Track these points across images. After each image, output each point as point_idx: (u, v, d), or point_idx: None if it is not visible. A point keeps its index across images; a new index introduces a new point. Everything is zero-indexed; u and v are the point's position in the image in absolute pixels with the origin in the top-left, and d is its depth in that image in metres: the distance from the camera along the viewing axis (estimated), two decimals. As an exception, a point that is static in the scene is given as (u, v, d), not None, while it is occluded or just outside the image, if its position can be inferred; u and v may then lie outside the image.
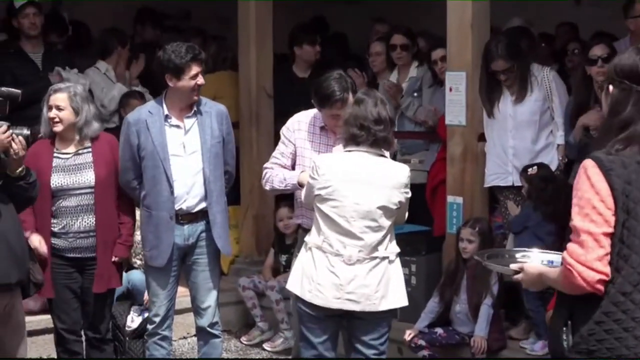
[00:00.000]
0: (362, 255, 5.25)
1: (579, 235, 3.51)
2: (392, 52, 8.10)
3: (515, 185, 6.91)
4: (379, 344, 5.40)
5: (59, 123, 6.04)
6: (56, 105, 6.03)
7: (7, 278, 5.25)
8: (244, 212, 8.68)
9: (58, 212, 6.08)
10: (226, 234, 6.23)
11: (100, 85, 8.47)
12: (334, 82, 5.76)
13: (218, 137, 6.12)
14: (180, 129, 6.08)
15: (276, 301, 7.77)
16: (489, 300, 6.66)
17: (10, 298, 5.33)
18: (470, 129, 7.05)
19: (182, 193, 6.06)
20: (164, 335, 6.25)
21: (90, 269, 6.15)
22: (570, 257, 3.51)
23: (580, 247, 3.50)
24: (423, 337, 6.79)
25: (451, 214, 7.10)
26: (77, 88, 6.13)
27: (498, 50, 6.76)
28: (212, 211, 6.11)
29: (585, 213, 3.51)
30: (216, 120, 6.12)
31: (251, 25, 8.44)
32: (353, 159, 5.32)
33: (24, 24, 8.08)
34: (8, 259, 5.24)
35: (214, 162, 6.09)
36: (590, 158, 3.56)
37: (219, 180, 6.14)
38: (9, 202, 5.33)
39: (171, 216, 6.06)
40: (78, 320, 6.25)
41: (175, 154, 6.05)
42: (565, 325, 3.62)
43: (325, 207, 5.30)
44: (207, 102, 6.22)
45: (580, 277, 3.48)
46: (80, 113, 6.03)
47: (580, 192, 3.54)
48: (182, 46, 5.99)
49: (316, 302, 5.27)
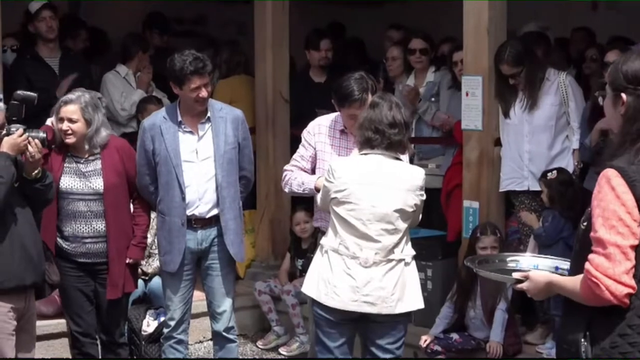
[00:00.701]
0: (378, 258, 5.25)
1: (605, 247, 3.43)
2: (411, 57, 8.10)
3: (530, 190, 6.90)
4: (395, 348, 5.40)
5: (72, 135, 6.00)
6: (68, 117, 5.98)
7: (21, 280, 5.30)
8: (260, 216, 8.69)
9: (68, 216, 6.07)
10: (239, 240, 6.23)
11: (120, 89, 8.50)
12: (354, 82, 5.77)
13: (232, 144, 6.12)
14: (193, 135, 6.09)
15: (292, 305, 7.78)
16: (503, 305, 6.64)
17: (25, 300, 5.38)
18: (486, 134, 7.04)
19: (194, 199, 6.07)
20: (179, 339, 6.27)
21: (102, 273, 6.15)
22: (596, 270, 3.42)
23: (607, 260, 3.42)
24: (439, 343, 6.78)
25: (467, 219, 7.09)
26: (86, 97, 6.05)
27: (505, 54, 6.78)
28: (225, 218, 6.11)
29: (611, 225, 3.43)
30: (231, 126, 6.12)
31: (267, 30, 8.45)
32: (368, 162, 5.32)
33: (41, 27, 8.10)
34: (23, 262, 5.29)
35: (227, 168, 6.09)
36: (613, 168, 3.48)
37: (232, 186, 6.14)
38: (26, 205, 5.37)
39: (182, 222, 6.07)
40: (92, 323, 6.25)
41: (188, 160, 6.06)
42: (584, 337, 3.54)
43: (342, 210, 5.31)
44: (224, 108, 6.22)
45: (608, 291, 3.41)
46: (92, 123, 6.01)
47: (604, 203, 3.46)
48: (189, 57, 5.96)
49: (332, 304, 5.27)
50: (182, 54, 6.01)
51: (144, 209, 6.30)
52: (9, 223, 5.26)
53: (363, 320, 5.35)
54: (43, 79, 7.95)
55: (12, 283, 5.25)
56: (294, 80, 8.68)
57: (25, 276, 5.31)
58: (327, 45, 8.76)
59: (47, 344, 7.21)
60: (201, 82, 5.96)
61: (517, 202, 7.04)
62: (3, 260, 5.20)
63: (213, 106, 6.15)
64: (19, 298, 5.34)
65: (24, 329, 5.45)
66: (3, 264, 5.20)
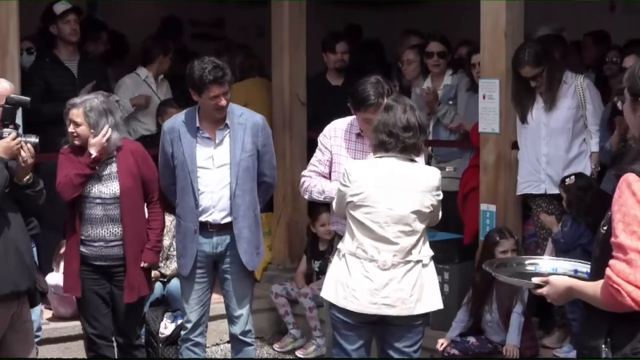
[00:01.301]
0: (396, 260, 5.25)
1: (626, 253, 3.40)
2: (428, 60, 8.09)
3: (547, 193, 6.88)
4: (412, 352, 5.39)
5: (78, 138, 6.06)
6: (73, 120, 6.05)
7: (17, 286, 5.26)
8: (277, 219, 8.69)
9: (84, 220, 6.09)
10: (252, 248, 6.16)
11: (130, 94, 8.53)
12: (370, 86, 5.77)
13: (250, 151, 6.09)
14: (210, 141, 6.08)
15: (309, 308, 7.78)
16: (519, 308, 6.63)
17: (17, 306, 5.35)
18: (503, 137, 7.03)
19: (208, 206, 6.07)
20: (196, 341, 6.27)
21: (118, 276, 6.17)
22: (617, 276, 3.40)
23: (628, 266, 3.39)
24: (456, 346, 6.77)
25: (484, 222, 7.08)
26: (94, 102, 6.06)
27: (525, 56, 6.76)
28: (238, 226, 6.09)
29: (632, 230, 3.40)
30: (250, 133, 6.09)
31: (284, 33, 8.46)
32: (384, 165, 5.32)
33: (64, 29, 8.10)
34: (18, 268, 5.25)
35: (242, 176, 6.06)
36: (634, 172, 3.46)
37: (247, 194, 6.11)
38: (18, 211, 5.34)
39: (195, 228, 6.08)
40: (108, 325, 6.26)
41: (204, 167, 6.06)
42: (605, 343, 3.51)
43: (358, 213, 5.30)
44: (244, 113, 6.18)
45: (629, 297, 3.38)
46: (97, 127, 6.02)
47: (625, 208, 3.43)
48: (208, 65, 5.92)
49: (351, 307, 5.27)
50: (202, 61, 5.97)
51: (158, 212, 6.31)
52: (2, 228, 5.21)
53: (381, 323, 5.35)
54: (62, 81, 7.97)
55: (7, 289, 5.20)
56: (310, 83, 8.68)
57: (20, 282, 5.27)
58: (344, 48, 8.77)
59: (64, 346, 7.24)
60: (220, 91, 5.94)
61: (534, 206, 7.03)
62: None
63: (233, 112, 6.11)
64: (12, 304, 5.30)
65: (18, 338, 5.41)
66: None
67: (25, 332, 5.47)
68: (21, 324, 5.41)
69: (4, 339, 5.32)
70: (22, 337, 5.44)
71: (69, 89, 7.68)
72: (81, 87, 7.73)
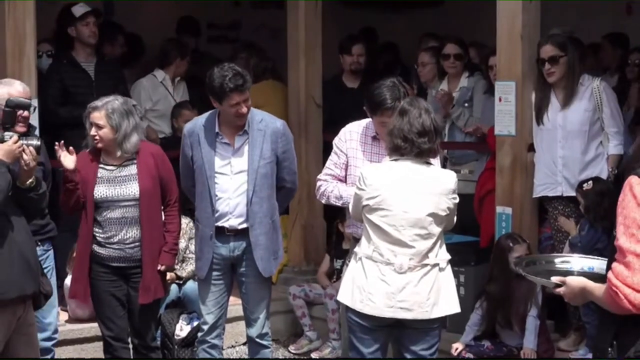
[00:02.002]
0: (413, 263, 5.24)
1: (624, 256, 3.41)
2: (445, 62, 8.08)
3: (564, 195, 6.86)
4: (429, 355, 5.38)
5: (100, 141, 6.08)
6: (95, 123, 6.07)
7: (23, 290, 5.26)
8: (292, 221, 8.70)
9: (103, 222, 6.11)
10: (269, 255, 6.14)
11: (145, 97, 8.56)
12: (386, 90, 5.76)
13: (269, 158, 6.07)
14: (229, 147, 6.07)
15: (332, 310, 7.76)
16: (534, 312, 6.61)
17: (23, 310, 5.36)
18: (519, 139, 7.02)
19: (225, 212, 6.07)
20: (213, 343, 6.27)
21: (135, 277, 6.18)
22: (616, 278, 3.42)
23: (626, 269, 3.40)
24: (470, 350, 6.75)
25: (500, 225, 7.07)
26: (115, 104, 6.10)
27: (549, 37, 6.81)
28: (254, 233, 6.07)
29: (631, 233, 3.41)
30: (270, 140, 6.06)
31: (300, 35, 8.47)
32: (399, 168, 5.31)
33: (83, 32, 8.10)
34: (24, 272, 5.25)
35: (260, 183, 6.04)
36: (637, 175, 3.47)
37: (265, 202, 6.08)
38: (21, 214, 5.33)
39: (212, 234, 6.08)
40: (125, 327, 6.28)
41: (222, 172, 6.05)
42: (611, 345, 3.53)
43: (375, 217, 5.30)
44: (264, 119, 6.14)
45: (626, 300, 3.40)
46: (119, 129, 6.05)
47: (626, 211, 3.45)
48: (229, 72, 5.89)
49: (367, 311, 5.26)
50: (222, 68, 5.94)
51: (175, 215, 6.32)
52: (7, 231, 5.20)
53: (397, 326, 5.34)
54: (79, 84, 7.98)
55: (14, 293, 5.20)
56: (326, 85, 8.68)
57: (26, 286, 5.27)
58: (359, 50, 8.76)
59: (80, 348, 7.27)
60: (241, 99, 5.91)
61: (550, 208, 7.01)
62: (3, 269, 5.15)
63: (253, 118, 6.08)
64: (18, 307, 5.30)
65: (23, 342, 5.41)
66: (3, 274, 5.15)
67: (29, 336, 5.49)
68: (26, 327, 5.42)
69: (9, 342, 5.34)
70: (26, 340, 5.45)
71: (86, 92, 7.70)
72: (98, 90, 7.74)
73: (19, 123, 6.07)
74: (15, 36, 6.96)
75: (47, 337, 6.43)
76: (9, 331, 5.28)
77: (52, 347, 6.53)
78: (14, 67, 6.90)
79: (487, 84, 7.78)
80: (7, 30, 6.94)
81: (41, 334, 6.31)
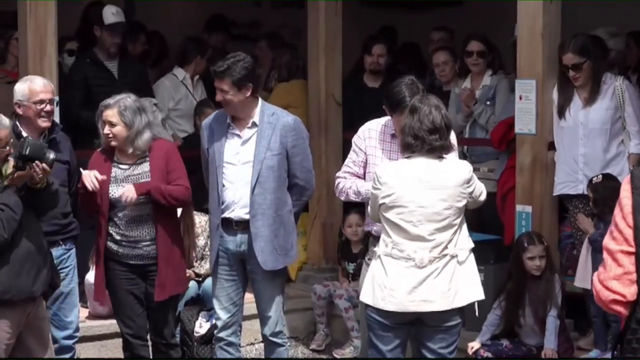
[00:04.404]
0: (432, 256, 5.24)
1: (602, 252, 3.43)
2: (468, 59, 8.05)
3: (585, 193, 6.84)
4: (448, 353, 5.38)
5: (113, 138, 6.10)
6: (108, 121, 6.09)
7: (31, 293, 5.37)
8: (311, 219, 8.71)
9: (119, 221, 6.14)
10: (270, 248, 6.07)
11: (171, 93, 8.58)
12: (405, 87, 5.76)
13: (276, 150, 6.05)
14: (239, 138, 6.10)
15: (345, 309, 7.77)
16: (554, 312, 6.61)
17: (33, 306, 5.45)
18: (539, 138, 7.01)
19: (230, 202, 6.08)
20: (229, 341, 6.25)
21: (152, 275, 6.19)
22: (596, 275, 3.44)
23: (601, 265, 3.42)
24: (489, 349, 6.75)
25: (520, 223, 7.06)
26: (127, 101, 6.13)
27: (570, 44, 6.77)
28: (256, 224, 6.04)
29: (610, 230, 3.42)
30: (279, 133, 6.05)
31: (321, 34, 8.49)
32: (412, 164, 5.32)
33: (107, 39, 8.13)
34: (34, 274, 5.35)
35: (265, 174, 6.02)
36: (631, 173, 3.47)
37: (269, 193, 6.04)
38: (33, 216, 5.40)
39: (218, 224, 6.10)
40: (143, 325, 6.30)
41: (231, 162, 6.07)
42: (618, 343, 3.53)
43: (391, 214, 5.31)
44: (276, 113, 6.16)
45: (597, 296, 3.41)
46: (132, 126, 6.08)
47: (616, 209, 3.45)
48: (228, 59, 6.00)
49: (390, 308, 5.26)
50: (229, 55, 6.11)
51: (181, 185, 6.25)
52: (19, 235, 5.30)
53: (417, 323, 5.34)
54: (102, 82, 7.98)
55: (23, 295, 5.32)
56: (346, 84, 8.69)
57: (35, 288, 5.38)
58: (380, 51, 8.74)
59: (100, 344, 7.30)
60: (218, 85, 5.98)
61: (571, 207, 7.00)
62: (13, 273, 5.25)
63: (264, 111, 6.11)
64: (27, 305, 5.41)
65: (34, 336, 5.51)
66: (13, 277, 5.26)
67: (40, 330, 5.57)
68: (37, 321, 5.52)
69: (20, 337, 5.44)
70: (37, 334, 5.54)
71: (109, 91, 7.69)
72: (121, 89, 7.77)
73: (41, 118, 6.15)
74: (37, 35, 7.00)
75: (68, 335, 6.45)
76: (19, 327, 5.36)
77: (73, 345, 6.56)
78: (35, 66, 6.94)
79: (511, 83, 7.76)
80: (29, 30, 6.99)
81: (62, 332, 6.36)
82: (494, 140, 7.55)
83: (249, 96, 6.01)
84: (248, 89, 5.99)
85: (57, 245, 6.21)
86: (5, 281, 5.24)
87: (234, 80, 5.94)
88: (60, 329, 6.33)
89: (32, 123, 6.17)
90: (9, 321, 5.31)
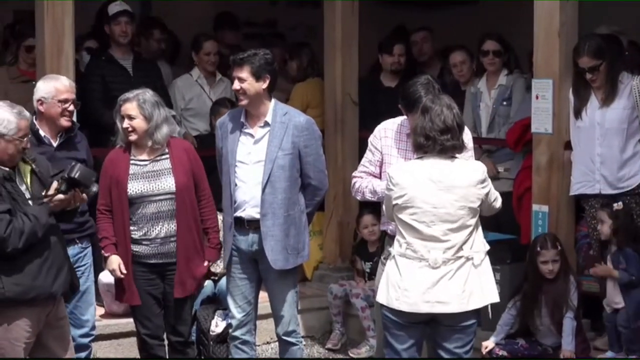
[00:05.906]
0: (446, 257, 5.24)
1: None
2: (484, 58, 8.02)
3: (602, 193, 6.82)
4: (464, 352, 5.38)
5: (133, 132, 6.11)
6: (127, 114, 6.10)
7: (51, 293, 5.40)
8: (327, 218, 8.71)
9: (138, 219, 6.14)
10: (280, 247, 6.06)
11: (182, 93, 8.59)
12: (421, 87, 5.75)
13: (288, 150, 6.04)
14: (251, 138, 6.10)
15: (361, 308, 7.76)
16: (570, 313, 6.61)
17: (53, 306, 5.48)
18: (556, 138, 7.00)
19: (242, 201, 6.08)
20: (244, 339, 6.26)
21: (171, 274, 6.20)
22: None
23: None
24: (504, 348, 6.74)
25: (536, 223, 7.04)
26: (146, 95, 6.16)
27: (584, 47, 6.74)
28: (266, 223, 6.03)
29: None
30: (291, 133, 6.05)
31: (337, 33, 8.49)
32: (425, 165, 5.32)
33: (115, 31, 8.17)
34: (54, 275, 5.39)
35: (276, 174, 6.01)
36: None
37: (280, 193, 6.03)
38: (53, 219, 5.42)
39: (231, 222, 6.10)
40: (160, 325, 6.31)
41: (243, 161, 6.08)
42: None
43: (405, 215, 5.31)
44: (289, 113, 6.16)
45: None
46: (152, 119, 6.09)
47: None
48: (249, 50, 6.08)
49: (404, 308, 5.27)
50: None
51: (211, 210, 6.34)
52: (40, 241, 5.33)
53: (432, 323, 5.34)
54: (119, 80, 8.00)
55: (43, 296, 5.35)
56: (363, 84, 8.68)
57: (55, 288, 5.41)
58: (400, 50, 8.72)
59: (116, 343, 7.31)
60: (235, 74, 6.03)
61: (587, 207, 6.97)
62: (34, 274, 5.29)
63: (277, 110, 6.11)
64: (47, 305, 5.44)
65: (54, 335, 5.53)
66: (33, 278, 5.28)
67: (60, 329, 5.59)
68: (56, 321, 5.54)
69: (40, 336, 5.46)
70: (58, 333, 5.57)
71: (124, 88, 7.71)
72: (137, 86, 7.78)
73: (64, 117, 6.17)
74: (54, 34, 7.03)
75: (84, 333, 6.48)
76: (38, 327, 5.39)
77: (90, 343, 6.57)
78: (52, 65, 6.98)
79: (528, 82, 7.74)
80: (46, 29, 7.03)
81: (79, 331, 6.38)
82: (509, 142, 7.52)
83: (265, 89, 6.04)
84: (265, 80, 6.02)
85: (73, 243, 6.23)
86: (26, 281, 5.26)
87: (254, 68, 5.99)
88: (76, 327, 6.34)
89: (54, 121, 6.20)
90: (29, 320, 5.33)
